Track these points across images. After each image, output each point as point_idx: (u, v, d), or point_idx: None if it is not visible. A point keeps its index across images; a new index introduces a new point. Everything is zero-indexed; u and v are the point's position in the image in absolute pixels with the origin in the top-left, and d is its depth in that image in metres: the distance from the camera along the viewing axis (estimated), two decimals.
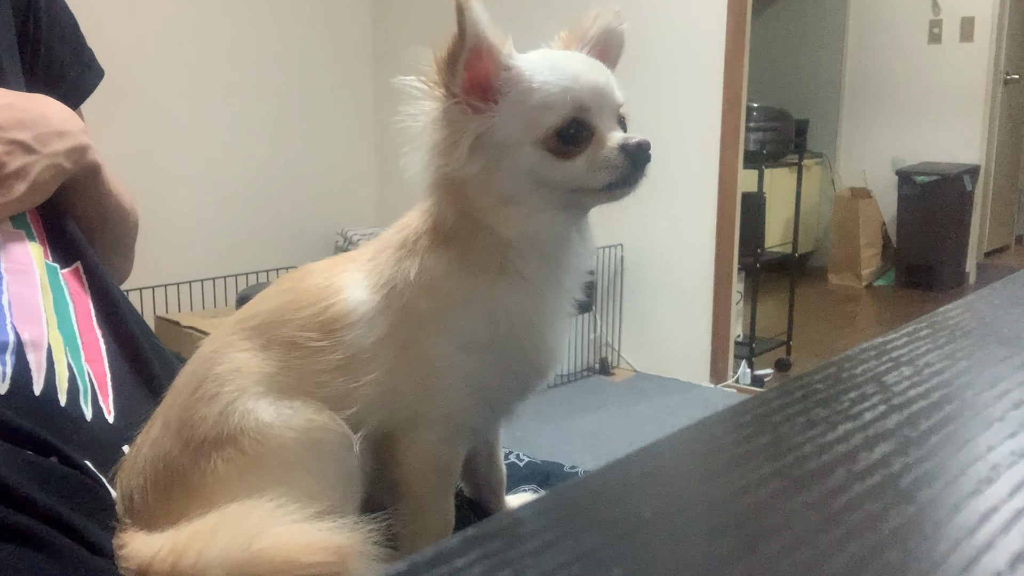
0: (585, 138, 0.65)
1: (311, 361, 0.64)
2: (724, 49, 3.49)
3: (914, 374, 0.40)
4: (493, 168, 0.65)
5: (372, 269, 0.67)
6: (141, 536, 0.61)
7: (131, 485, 0.64)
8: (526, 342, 0.67)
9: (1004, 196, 6.14)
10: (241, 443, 0.61)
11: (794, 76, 6.10)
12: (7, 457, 0.58)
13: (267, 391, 0.63)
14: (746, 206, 3.67)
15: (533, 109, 0.65)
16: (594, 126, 0.66)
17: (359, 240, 3.74)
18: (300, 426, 0.62)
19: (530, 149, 0.65)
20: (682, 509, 0.28)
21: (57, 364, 0.66)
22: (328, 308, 0.65)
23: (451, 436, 0.67)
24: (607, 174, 0.65)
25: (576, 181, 0.65)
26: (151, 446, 0.64)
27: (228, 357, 0.64)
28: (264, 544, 0.55)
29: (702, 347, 3.71)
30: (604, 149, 0.65)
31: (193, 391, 0.64)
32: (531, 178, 0.65)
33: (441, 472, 0.68)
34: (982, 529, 0.26)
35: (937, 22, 5.55)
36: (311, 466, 0.62)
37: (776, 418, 0.35)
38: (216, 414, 0.62)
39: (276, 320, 0.65)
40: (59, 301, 0.71)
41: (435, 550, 0.24)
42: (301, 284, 0.68)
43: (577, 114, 0.65)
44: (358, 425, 0.64)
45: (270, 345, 0.64)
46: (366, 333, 0.64)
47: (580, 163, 0.65)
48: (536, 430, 2.87)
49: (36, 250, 0.70)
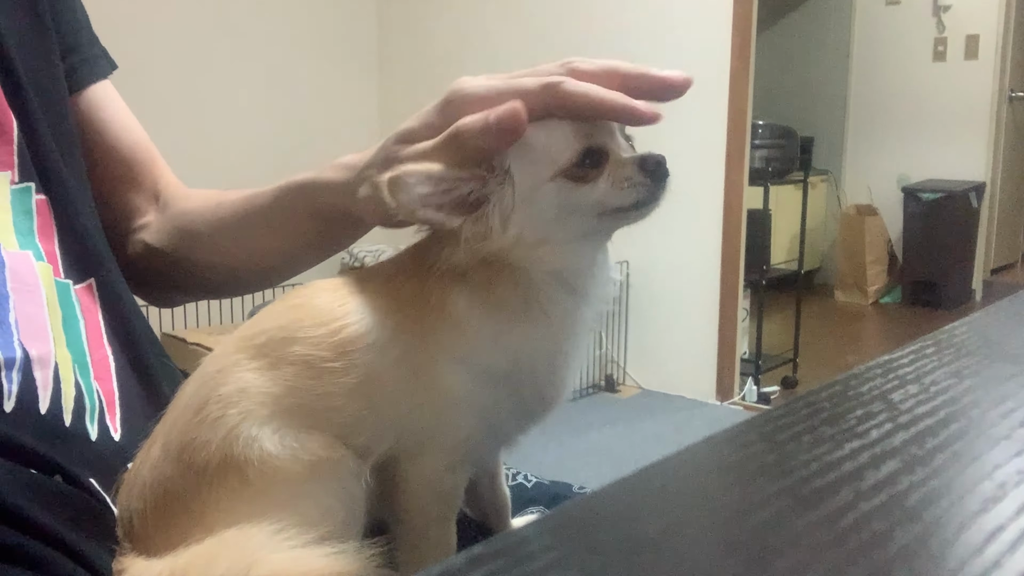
0: (601, 161, 0.65)
1: (321, 383, 0.62)
2: (729, 67, 3.50)
3: (920, 392, 0.40)
4: (524, 222, 0.64)
5: (388, 291, 0.65)
6: (141, 561, 0.60)
7: (130, 509, 0.63)
8: (543, 380, 0.67)
9: (1010, 213, 6.13)
10: (245, 472, 0.59)
11: (799, 94, 6.12)
12: (10, 476, 0.58)
13: (272, 414, 0.61)
14: (752, 223, 3.67)
15: (545, 148, 0.64)
16: (607, 149, 0.65)
17: (365, 257, 3.75)
18: (308, 460, 0.60)
19: (550, 185, 0.64)
20: (688, 527, 0.28)
21: (64, 383, 0.66)
22: (343, 328, 0.62)
23: (456, 464, 0.66)
24: (632, 192, 0.64)
25: (602, 203, 0.64)
26: (151, 470, 0.62)
27: (233, 377, 0.62)
28: (263, 571, 0.54)
29: (708, 364, 3.70)
30: (623, 168, 0.64)
31: (196, 413, 0.62)
32: (557, 212, 0.64)
33: (444, 499, 0.67)
34: (989, 548, 0.26)
35: (942, 40, 5.57)
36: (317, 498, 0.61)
37: (782, 436, 0.35)
38: (220, 439, 0.60)
39: (285, 338, 0.63)
40: (69, 319, 0.70)
41: (440, 568, 0.24)
42: (312, 302, 0.65)
43: (589, 142, 0.64)
44: (366, 452, 0.63)
45: (278, 364, 0.62)
46: (380, 357, 0.62)
47: (602, 184, 0.64)
48: (541, 447, 2.86)
49: (44, 269, 0.70)
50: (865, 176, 5.90)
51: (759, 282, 3.84)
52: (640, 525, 0.28)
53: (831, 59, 6.06)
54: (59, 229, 0.74)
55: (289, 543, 0.56)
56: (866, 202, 5.79)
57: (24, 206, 0.72)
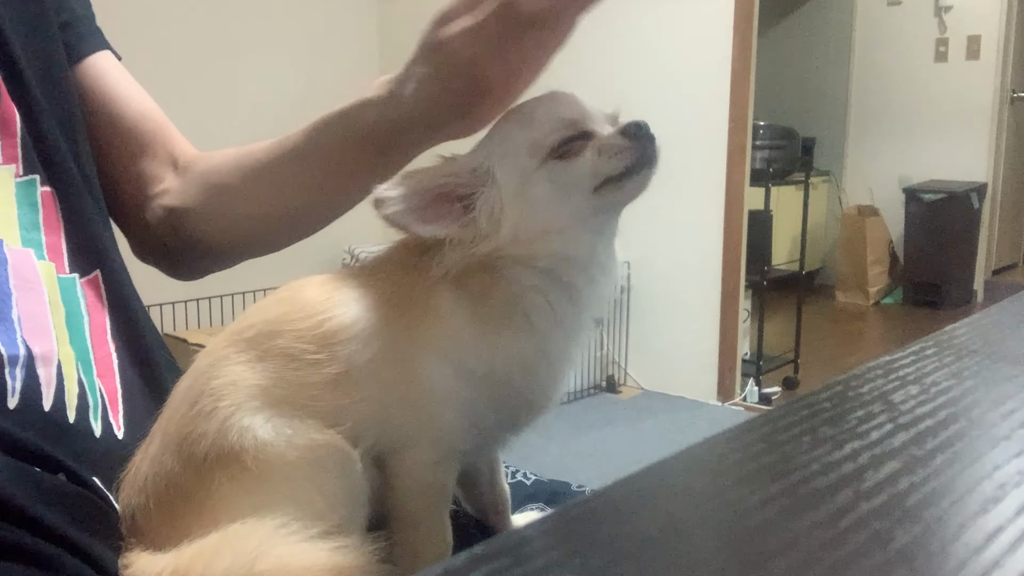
0: (586, 139, 0.66)
1: (306, 374, 0.63)
2: (730, 68, 3.50)
3: (921, 393, 0.40)
4: (518, 216, 0.64)
5: (374, 285, 0.66)
6: (146, 555, 0.60)
7: (132, 504, 0.63)
8: (521, 387, 0.67)
9: (1012, 214, 6.13)
10: (243, 461, 0.60)
11: (800, 94, 6.12)
12: (14, 474, 0.58)
13: (263, 405, 0.62)
14: (753, 224, 3.67)
15: (528, 138, 0.65)
16: (590, 129, 0.66)
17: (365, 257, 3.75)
18: (303, 444, 0.61)
19: (540, 171, 0.65)
20: (689, 527, 0.28)
21: (67, 380, 0.66)
22: (326, 321, 0.63)
23: (442, 458, 0.66)
24: (620, 159, 0.65)
25: (593, 174, 0.65)
26: (151, 463, 0.63)
27: (223, 370, 0.63)
28: (267, 565, 0.54)
29: (709, 365, 3.70)
30: (608, 140, 0.66)
31: (191, 406, 0.63)
32: (552, 195, 0.65)
33: (433, 494, 0.67)
34: (989, 548, 0.26)
35: (943, 40, 5.57)
36: (317, 483, 0.62)
37: (783, 436, 0.35)
38: (214, 430, 0.61)
39: (272, 331, 0.64)
40: (73, 316, 0.70)
41: (442, 568, 0.24)
42: (299, 295, 0.67)
43: (571, 128, 0.66)
44: (353, 443, 0.63)
45: (265, 357, 0.63)
46: (362, 349, 0.63)
47: (588, 155, 0.65)
48: (542, 448, 2.87)
49: (46, 268, 0.70)
50: (866, 177, 5.89)
51: (760, 283, 3.84)
52: (641, 525, 0.28)
53: (832, 60, 6.06)
54: (65, 221, 0.74)
55: (293, 537, 0.56)
56: (867, 203, 5.78)
57: (29, 199, 0.72)
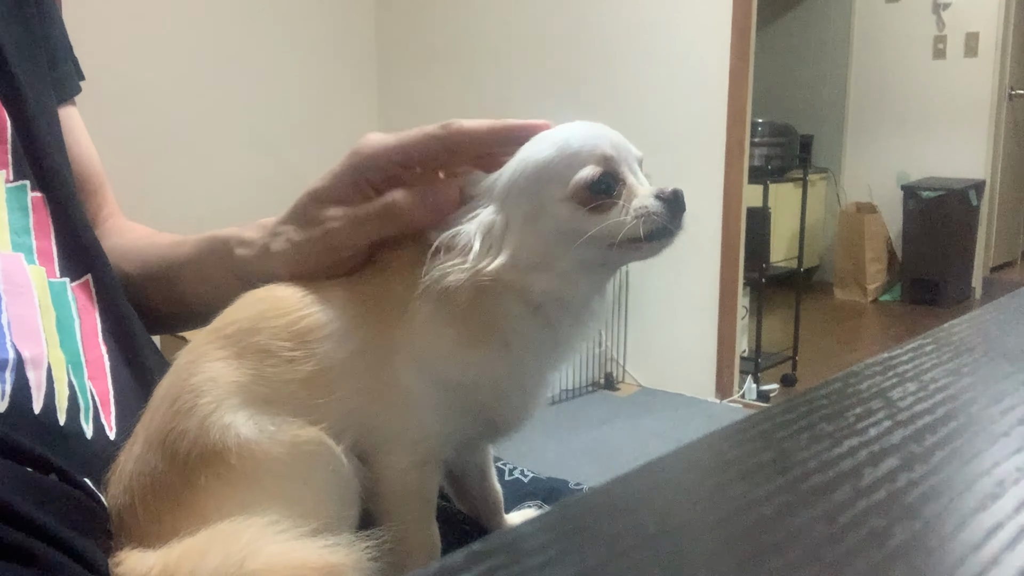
0: (617, 188, 0.63)
1: (283, 371, 0.62)
2: (728, 64, 3.50)
3: (919, 389, 0.40)
4: (521, 243, 0.63)
5: (356, 287, 0.66)
6: (136, 553, 0.60)
7: (118, 503, 0.63)
8: (489, 405, 0.66)
9: (1010, 211, 6.14)
10: (227, 458, 0.60)
11: (799, 91, 6.12)
12: (5, 474, 0.58)
13: (243, 403, 0.61)
14: (751, 221, 3.67)
15: (559, 167, 0.63)
16: (624, 177, 0.64)
17: None
18: (287, 441, 0.61)
19: (559, 205, 0.63)
20: (687, 524, 0.28)
21: (57, 383, 0.66)
22: (304, 318, 0.63)
23: (422, 461, 0.66)
24: (648, 223, 0.63)
25: (615, 233, 0.62)
26: (135, 462, 0.63)
27: (202, 367, 0.63)
28: (256, 564, 0.53)
29: (707, 362, 3.70)
30: (639, 198, 0.63)
31: (171, 403, 0.62)
32: (563, 237, 0.63)
33: (415, 496, 0.67)
34: (988, 545, 0.26)
35: (942, 38, 5.57)
36: (305, 479, 0.61)
37: (781, 433, 0.35)
38: (195, 428, 0.60)
39: (250, 328, 0.64)
40: (64, 319, 0.70)
41: (438, 566, 0.24)
42: (277, 293, 0.66)
43: (606, 166, 0.63)
44: (335, 441, 0.63)
45: (243, 354, 0.63)
46: (337, 347, 0.63)
47: (615, 214, 0.63)
48: (541, 445, 2.87)
49: (36, 272, 0.70)
50: (865, 174, 5.90)
51: (759, 280, 3.85)
52: (639, 522, 0.28)
53: (831, 57, 6.06)
54: (55, 225, 0.74)
55: (283, 535, 0.56)
56: (866, 200, 5.79)
57: (20, 204, 0.72)
